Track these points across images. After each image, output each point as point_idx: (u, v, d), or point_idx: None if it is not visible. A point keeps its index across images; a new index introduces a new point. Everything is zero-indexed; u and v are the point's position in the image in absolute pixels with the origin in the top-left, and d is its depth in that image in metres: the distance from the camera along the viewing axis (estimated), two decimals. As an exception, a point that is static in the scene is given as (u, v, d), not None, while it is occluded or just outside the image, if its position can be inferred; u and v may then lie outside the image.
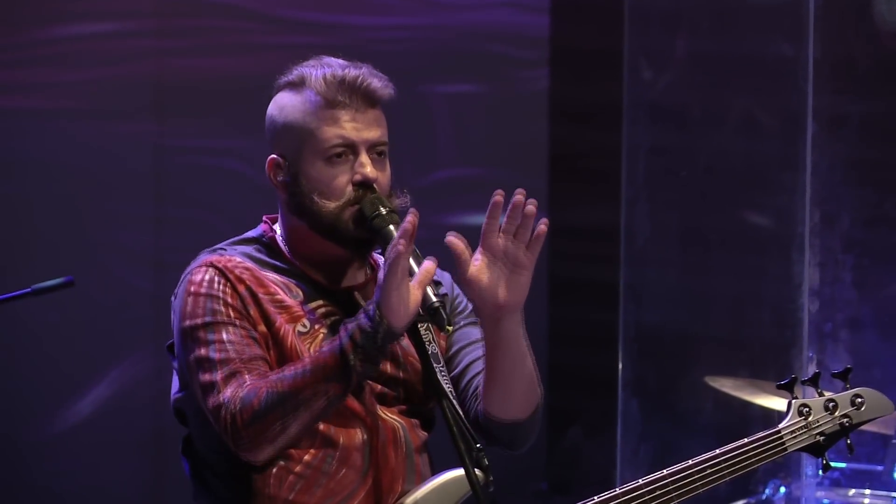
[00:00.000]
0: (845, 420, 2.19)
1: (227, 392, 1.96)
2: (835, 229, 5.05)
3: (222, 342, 2.01)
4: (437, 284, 2.14)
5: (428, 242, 2.16)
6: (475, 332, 2.28)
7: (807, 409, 2.15)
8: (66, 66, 5.43)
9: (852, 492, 4.35)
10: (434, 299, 1.99)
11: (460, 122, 6.04)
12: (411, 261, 2.02)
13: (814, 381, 2.21)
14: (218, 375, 1.98)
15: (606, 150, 7.20)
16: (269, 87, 2.22)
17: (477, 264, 2.04)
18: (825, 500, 4.39)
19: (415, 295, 1.93)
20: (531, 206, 2.02)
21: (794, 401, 2.18)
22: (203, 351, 2.01)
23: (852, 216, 5.11)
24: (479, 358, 2.25)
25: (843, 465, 4.30)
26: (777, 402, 3.99)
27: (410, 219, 1.96)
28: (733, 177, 9.55)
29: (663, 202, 10.18)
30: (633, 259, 8.75)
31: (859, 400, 2.19)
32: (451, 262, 2.34)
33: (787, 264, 5.78)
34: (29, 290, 3.35)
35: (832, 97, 5.25)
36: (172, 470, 2.21)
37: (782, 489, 4.33)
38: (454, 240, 2.05)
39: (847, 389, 2.21)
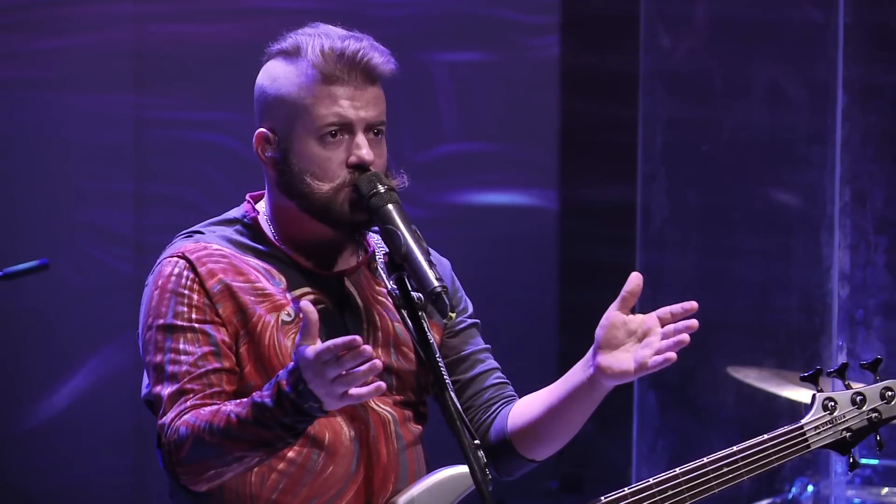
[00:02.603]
0: (874, 415, 2.17)
1: (170, 415, 1.97)
2: (867, 208, 5.03)
3: (177, 352, 2.01)
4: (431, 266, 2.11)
5: (430, 222, 2.14)
6: (481, 340, 2.29)
7: (832, 404, 2.15)
8: (37, 34, 5.41)
9: (885, 490, 4.35)
10: (436, 283, 1.98)
11: (464, 93, 6.03)
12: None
13: (841, 373, 2.19)
14: (166, 391, 2.00)
15: (621, 123, 7.19)
16: (259, 55, 2.20)
17: (626, 317, 2.05)
18: (856, 500, 4.39)
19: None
20: (686, 336, 2.02)
21: (818, 394, 2.17)
22: (159, 357, 2.02)
23: (886, 194, 5.09)
24: (492, 369, 2.26)
25: (874, 461, 4.31)
26: (804, 395, 3.98)
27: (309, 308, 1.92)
28: (758, 152, 9.53)
29: (683, 179, 10.17)
30: (649, 240, 8.75)
31: (890, 393, 2.17)
32: (456, 246, 2.34)
33: (816, 246, 5.78)
34: (0, 273, 3.35)
35: (864, 66, 5.24)
36: (153, 466, 2.22)
37: (810, 488, 4.33)
38: (636, 278, 2.05)
39: (877, 381, 2.20)
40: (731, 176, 9.75)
